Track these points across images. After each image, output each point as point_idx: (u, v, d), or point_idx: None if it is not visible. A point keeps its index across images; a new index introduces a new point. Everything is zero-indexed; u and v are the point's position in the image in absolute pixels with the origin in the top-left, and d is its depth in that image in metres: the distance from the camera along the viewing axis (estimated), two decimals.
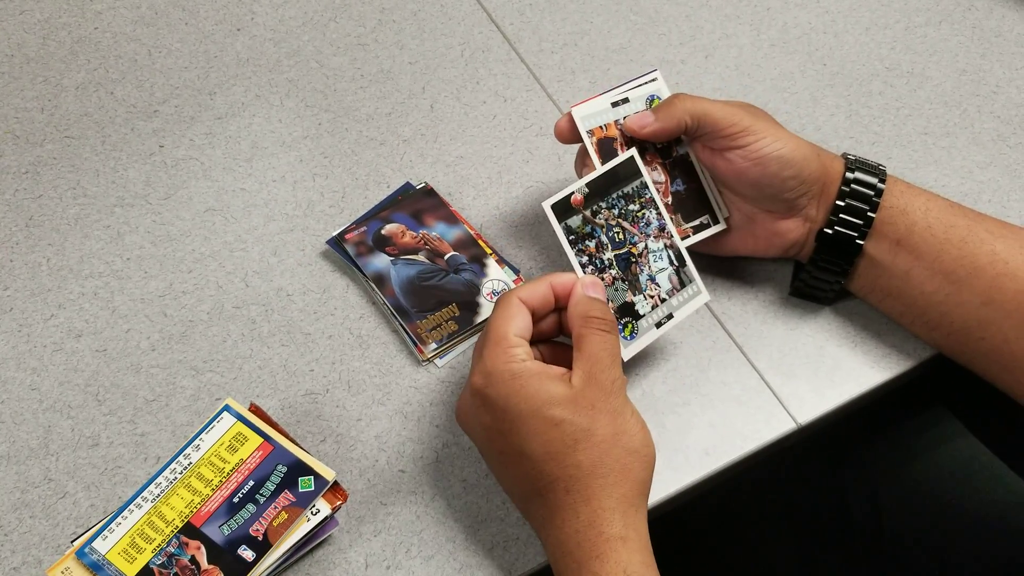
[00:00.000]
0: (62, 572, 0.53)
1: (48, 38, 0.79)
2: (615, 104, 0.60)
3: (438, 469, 0.59)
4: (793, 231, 0.61)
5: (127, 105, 0.75)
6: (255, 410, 0.58)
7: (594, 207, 0.55)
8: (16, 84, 0.76)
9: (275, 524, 0.54)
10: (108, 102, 0.75)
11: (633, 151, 0.57)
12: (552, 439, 0.49)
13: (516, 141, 0.74)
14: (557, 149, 0.74)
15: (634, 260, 0.56)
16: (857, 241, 0.60)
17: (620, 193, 0.56)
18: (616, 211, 0.55)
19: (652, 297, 0.56)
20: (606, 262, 0.55)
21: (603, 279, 0.55)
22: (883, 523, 0.74)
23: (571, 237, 0.54)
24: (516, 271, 0.67)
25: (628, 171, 0.57)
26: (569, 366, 0.52)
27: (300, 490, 0.55)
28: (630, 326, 0.56)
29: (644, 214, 0.56)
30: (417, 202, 0.68)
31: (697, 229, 0.62)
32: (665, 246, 0.57)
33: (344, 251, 0.66)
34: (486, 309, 0.64)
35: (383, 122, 0.75)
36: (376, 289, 0.64)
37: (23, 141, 0.73)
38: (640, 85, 0.61)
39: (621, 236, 0.55)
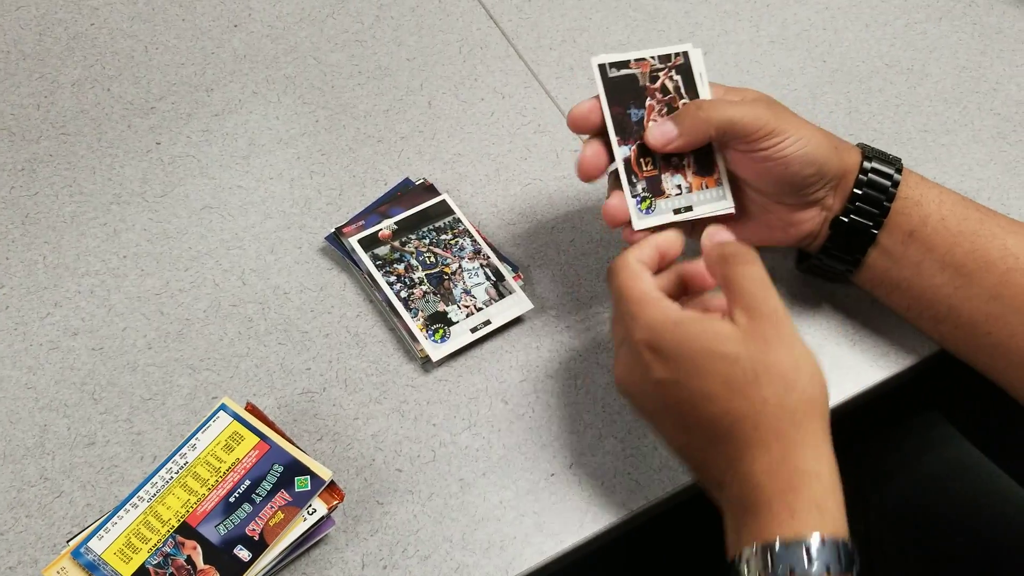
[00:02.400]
0: (58, 572, 0.52)
1: (44, 34, 0.79)
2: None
3: (435, 468, 0.59)
4: (809, 221, 0.61)
5: (124, 102, 0.75)
6: (251, 409, 0.58)
7: (403, 239, 0.66)
8: (12, 80, 0.76)
9: (271, 524, 0.54)
10: (104, 99, 0.75)
11: (445, 196, 0.68)
12: (733, 375, 0.48)
13: (514, 138, 0.74)
14: (555, 146, 0.73)
15: (447, 277, 0.65)
16: (872, 231, 0.59)
17: (432, 227, 0.67)
18: (427, 240, 0.66)
19: (467, 307, 0.64)
20: (416, 280, 0.64)
21: (413, 294, 0.64)
22: (872, 526, 0.74)
23: (378, 263, 0.64)
24: (515, 268, 0.66)
25: (440, 210, 0.68)
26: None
27: (296, 490, 0.55)
28: (441, 331, 0.63)
29: (457, 241, 0.66)
30: (416, 197, 0.68)
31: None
32: (481, 265, 0.65)
33: (342, 246, 0.66)
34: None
35: (381, 119, 0.75)
36: (373, 285, 0.64)
37: (19, 138, 0.73)
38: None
39: (433, 259, 0.65)
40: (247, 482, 0.55)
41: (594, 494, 0.58)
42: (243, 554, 0.53)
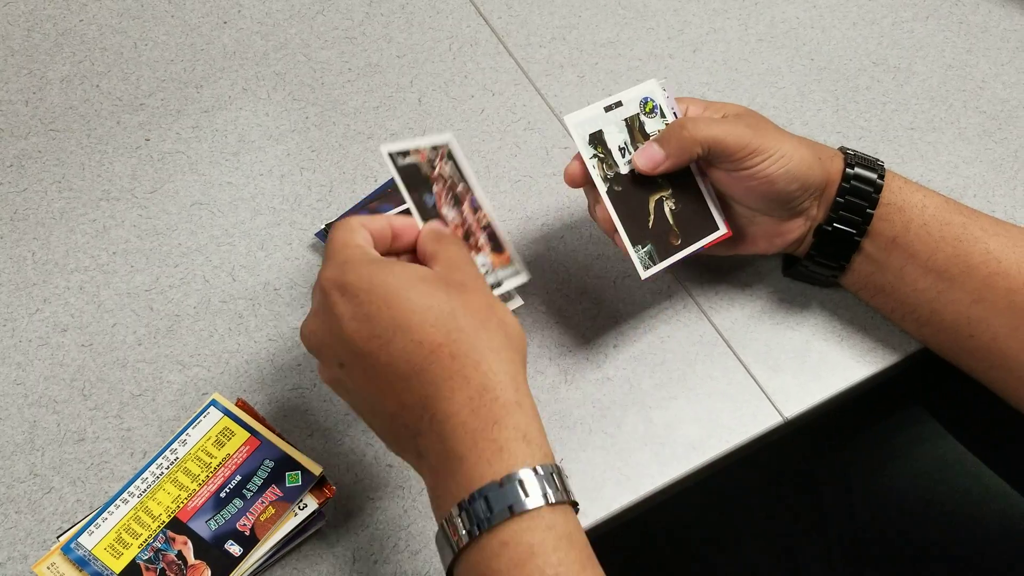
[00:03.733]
0: (48, 568, 0.52)
1: (33, 30, 0.79)
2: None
3: None
4: (795, 230, 0.61)
5: (113, 98, 0.75)
6: (242, 405, 0.58)
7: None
8: (0, 77, 0.76)
9: (262, 519, 0.54)
10: (94, 95, 0.75)
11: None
12: (429, 308, 0.47)
13: (504, 135, 0.74)
14: (545, 143, 0.74)
15: None
16: (855, 238, 0.60)
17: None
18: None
19: None
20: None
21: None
22: (857, 520, 0.74)
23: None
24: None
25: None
26: None
27: (287, 485, 0.55)
28: None
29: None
30: None
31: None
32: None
33: None
34: None
35: (371, 116, 0.75)
36: None
37: (7, 134, 0.72)
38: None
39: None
40: (238, 477, 0.55)
41: (583, 489, 0.59)
42: (234, 549, 0.53)
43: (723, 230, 0.62)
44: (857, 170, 0.59)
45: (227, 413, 0.57)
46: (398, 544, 0.56)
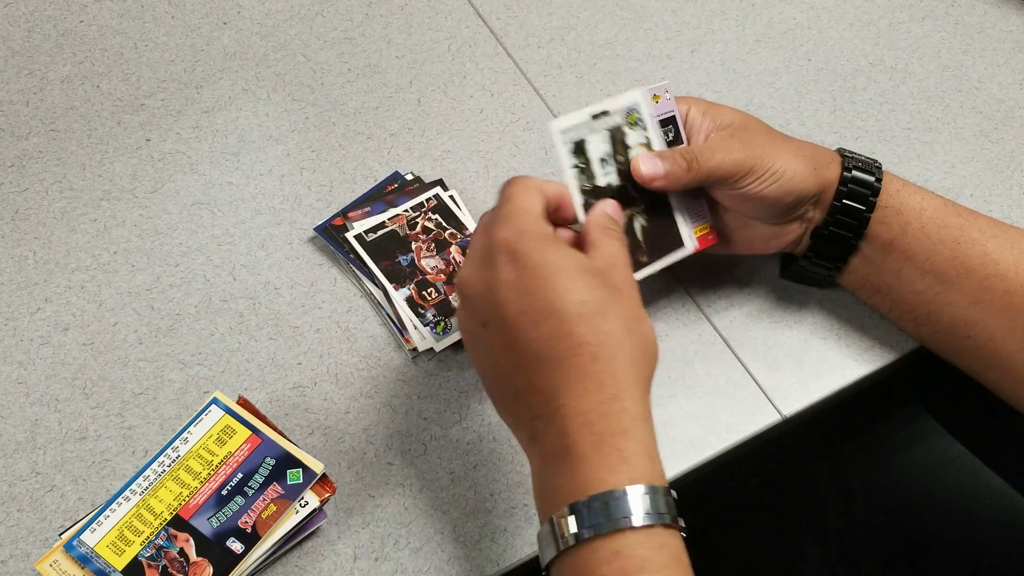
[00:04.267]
0: (51, 565, 0.53)
1: (33, 31, 0.79)
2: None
3: (426, 461, 0.60)
4: (791, 233, 0.62)
5: (113, 98, 0.75)
6: (243, 403, 0.59)
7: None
8: (1, 77, 0.76)
9: (264, 516, 0.54)
10: (94, 95, 0.75)
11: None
12: (585, 302, 0.47)
13: (503, 135, 0.74)
14: (543, 143, 0.74)
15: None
16: (852, 241, 0.60)
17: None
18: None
19: None
20: None
21: None
22: (856, 519, 0.75)
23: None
24: None
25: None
26: None
27: (289, 482, 0.55)
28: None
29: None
30: (414, 192, 0.69)
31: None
32: None
33: (332, 238, 0.66)
34: None
35: (370, 116, 0.75)
36: (363, 276, 0.65)
37: (8, 134, 0.73)
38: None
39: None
40: (239, 475, 0.55)
41: None
42: (236, 546, 0.53)
43: (689, 249, 0.61)
44: (855, 174, 0.60)
45: (228, 411, 0.58)
46: (399, 541, 0.57)
